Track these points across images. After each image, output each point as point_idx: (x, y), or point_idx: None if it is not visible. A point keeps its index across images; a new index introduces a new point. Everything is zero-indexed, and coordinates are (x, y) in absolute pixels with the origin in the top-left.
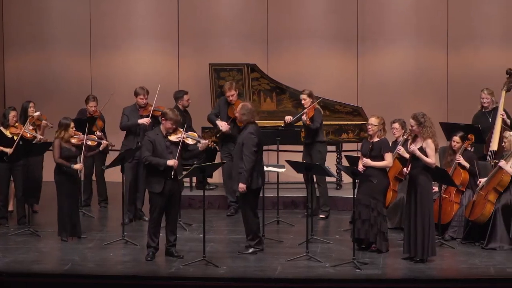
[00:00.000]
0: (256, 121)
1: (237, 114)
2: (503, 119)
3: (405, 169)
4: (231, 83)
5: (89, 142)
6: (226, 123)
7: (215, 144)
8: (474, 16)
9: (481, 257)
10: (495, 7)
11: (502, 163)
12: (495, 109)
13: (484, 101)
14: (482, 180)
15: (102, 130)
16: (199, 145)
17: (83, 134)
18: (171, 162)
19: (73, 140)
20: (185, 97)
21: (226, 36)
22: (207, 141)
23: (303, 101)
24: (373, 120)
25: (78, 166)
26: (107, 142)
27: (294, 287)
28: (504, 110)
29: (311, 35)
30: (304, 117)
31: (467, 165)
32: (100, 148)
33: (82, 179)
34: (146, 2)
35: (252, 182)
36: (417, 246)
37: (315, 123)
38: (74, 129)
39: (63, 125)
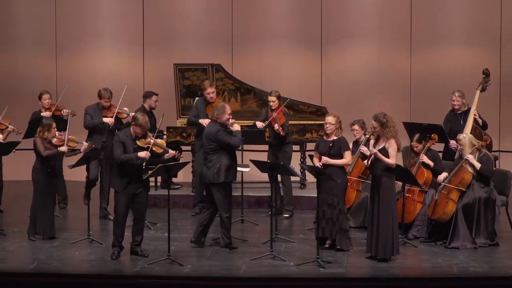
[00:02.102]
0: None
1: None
2: (475, 119)
3: (365, 161)
4: (211, 81)
5: (69, 143)
6: (208, 120)
7: (181, 155)
8: (437, 16)
9: (444, 256)
10: (458, 7)
11: (469, 157)
12: (467, 111)
13: (455, 103)
14: (441, 176)
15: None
16: (166, 155)
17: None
18: (142, 153)
19: (54, 140)
20: (154, 97)
21: (191, 38)
22: (174, 152)
23: (271, 103)
24: (330, 119)
25: (63, 148)
26: (87, 144)
27: (259, 286)
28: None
29: (275, 35)
30: (276, 126)
31: (431, 163)
32: (81, 150)
33: None
34: (112, 4)
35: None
36: (380, 245)
37: (285, 128)
38: (55, 129)
39: (46, 126)
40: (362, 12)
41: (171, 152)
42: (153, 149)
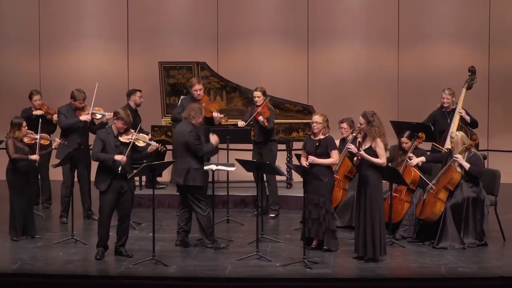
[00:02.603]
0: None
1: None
2: (461, 116)
3: (354, 159)
4: (199, 78)
5: (41, 141)
6: None
7: (165, 148)
8: (425, 14)
9: (432, 256)
10: (446, 5)
11: (458, 157)
12: (454, 110)
13: (445, 101)
14: (416, 160)
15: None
16: (149, 147)
17: (35, 133)
18: (118, 157)
19: (26, 139)
20: (138, 93)
21: (175, 34)
22: (157, 144)
23: (256, 99)
24: (317, 118)
25: (34, 156)
26: (59, 140)
27: (245, 286)
28: (464, 110)
29: (261, 32)
30: (261, 118)
31: (421, 160)
32: (53, 146)
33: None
34: (95, 1)
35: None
36: (368, 245)
37: (271, 123)
38: (26, 128)
39: (16, 125)
40: (350, 9)
41: (154, 144)
42: (136, 143)
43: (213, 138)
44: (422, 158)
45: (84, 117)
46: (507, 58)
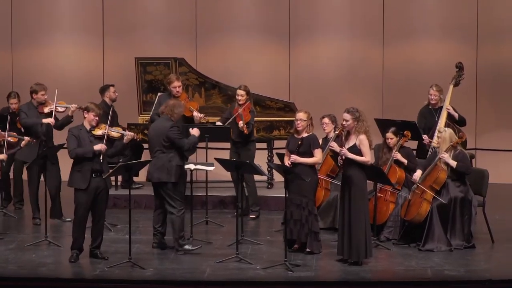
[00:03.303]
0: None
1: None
2: (449, 113)
3: (339, 159)
4: (177, 75)
5: (10, 139)
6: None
7: (141, 137)
8: (411, 8)
9: (418, 259)
10: None
11: (444, 155)
12: (442, 108)
13: (432, 98)
14: (416, 174)
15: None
16: (125, 138)
17: (3, 130)
18: (97, 146)
19: None
20: (111, 89)
21: (153, 29)
22: (132, 134)
23: (239, 97)
24: (301, 115)
25: (1, 156)
26: (28, 139)
27: None
28: (452, 107)
29: (241, 27)
30: (241, 124)
31: (404, 161)
32: (22, 145)
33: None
34: None
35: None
36: (352, 247)
37: (250, 127)
38: None
39: None
40: (332, 2)
41: (129, 133)
42: (110, 135)
43: (194, 131)
44: (419, 172)
45: (47, 120)
46: (496, 54)
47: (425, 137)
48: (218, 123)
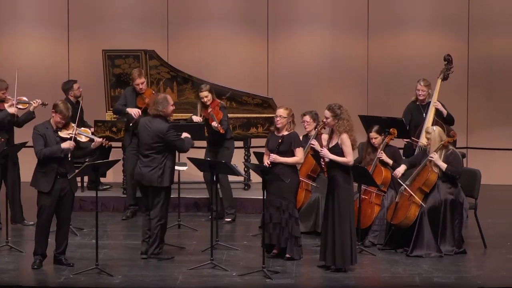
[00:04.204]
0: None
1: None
2: (437, 109)
3: (321, 161)
4: (140, 70)
5: None
6: (138, 110)
7: (110, 143)
8: None
9: (405, 265)
10: None
11: (434, 156)
12: (430, 103)
13: (420, 93)
14: (399, 170)
15: None
16: (92, 143)
17: None
18: (65, 144)
19: None
20: (75, 86)
21: (121, 20)
22: (101, 139)
23: (204, 99)
24: (281, 112)
25: None
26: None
27: None
28: (440, 103)
29: (216, 18)
30: (214, 124)
31: (390, 161)
32: None
33: None
34: None
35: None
36: (336, 253)
37: (225, 125)
38: None
39: None
40: None
41: (98, 139)
42: (78, 138)
43: (185, 134)
44: (403, 167)
45: (11, 109)
46: (488, 46)
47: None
48: (196, 118)
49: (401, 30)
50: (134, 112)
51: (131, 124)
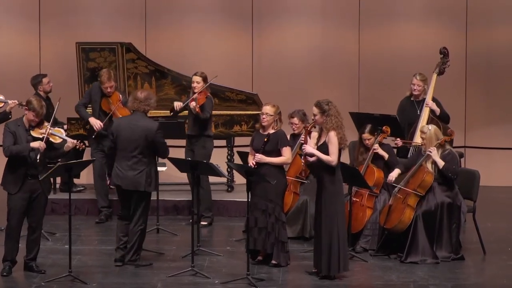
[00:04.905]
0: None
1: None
2: (430, 109)
3: (308, 157)
4: (110, 72)
5: None
6: (101, 123)
7: (84, 145)
8: None
9: (399, 272)
10: None
11: (433, 151)
12: (425, 100)
13: (415, 88)
14: (393, 174)
15: None
16: (65, 145)
17: None
18: (35, 143)
19: None
20: (44, 80)
21: (96, 10)
22: (75, 142)
23: (195, 84)
24: (268, 109)
25: None
26: None
27: None
28: (435, 99)
29: (197, 8)
30: (193, 104)
31: (385, 154)
32: None
33: None
34: None
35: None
36: (323, 259)
37: (205, 112)
38: None
39: None
40: None
41: (71, 141)
42: (50, 139)
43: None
44: (396, 172)
45: None
46: (487, 38)
47: (398, 141)
48: (177, 103)
49: (395, 21)
50: (96, 126)
51: (93, 136)
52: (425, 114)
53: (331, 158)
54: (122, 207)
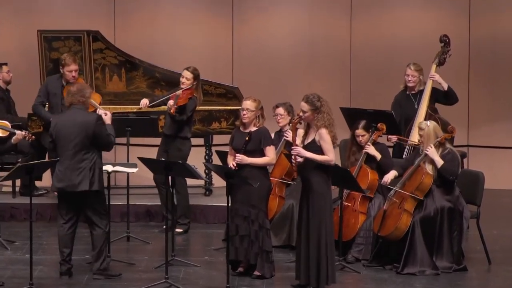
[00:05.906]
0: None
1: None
2: (432, 93)
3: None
4: (74, 56)
5: None
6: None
7: (34, 137)
8: None
9: (395, 285)
10: None
11: (430, 149)
12: (423, 92)
13: (410, 79)
14: (388, 176)
15: None
16: (13, 137)
17: None
18: None
19: None
20: (4, 68)
21: None
22: (23, 133)
23: (183, 79)
24: (248, 104)
25: None
26: None
27: None
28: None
29: None
30: (170, 102)
31: (378, 154)
32: None
33: None
34: None
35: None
36: (311, 271)
37: (183, 115)
38: None
39: None
40: None
41: (19, 133)
42: None
43: (107, 117)
44: (392, 173)
45: None
46: (493, 25)
47: (393, 137)
48: (144, 100)
49: (390, 7)
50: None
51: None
52: (423, 109)
53: (329, 157)
54: (66, 213)
